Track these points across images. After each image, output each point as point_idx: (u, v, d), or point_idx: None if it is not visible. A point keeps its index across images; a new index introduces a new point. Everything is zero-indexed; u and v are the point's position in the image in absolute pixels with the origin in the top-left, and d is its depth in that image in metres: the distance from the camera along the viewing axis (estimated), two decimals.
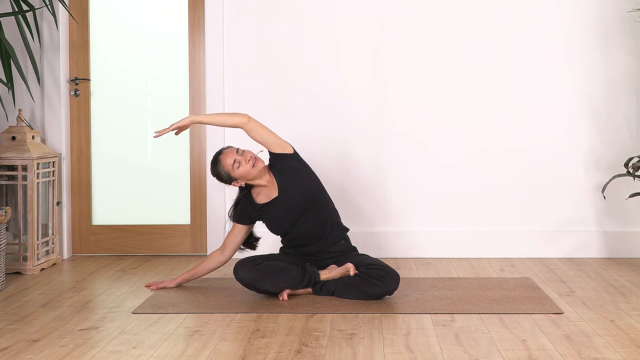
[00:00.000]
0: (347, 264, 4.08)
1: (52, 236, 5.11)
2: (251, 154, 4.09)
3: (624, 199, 5.15)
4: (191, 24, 5.35)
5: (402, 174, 5.25)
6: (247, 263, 4.08)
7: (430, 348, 3.21)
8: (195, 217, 5.39)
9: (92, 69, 5.40)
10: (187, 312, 3.81)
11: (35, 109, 5.29)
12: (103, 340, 3.36)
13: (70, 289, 4.38)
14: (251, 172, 4.08)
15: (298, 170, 4.18)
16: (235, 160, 4.06)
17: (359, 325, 3.56)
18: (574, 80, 5.19)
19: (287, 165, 4.16)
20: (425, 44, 5.21)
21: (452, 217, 5.25)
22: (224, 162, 4.09)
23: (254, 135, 4.17)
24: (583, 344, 3.24)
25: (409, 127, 5.24)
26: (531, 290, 4.18)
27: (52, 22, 5.22)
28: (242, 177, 4.10)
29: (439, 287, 4.29)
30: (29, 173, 4.87)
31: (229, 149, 4.14)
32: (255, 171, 4.08)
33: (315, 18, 5.23)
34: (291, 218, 4.16)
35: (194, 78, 5.36)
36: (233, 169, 4.07)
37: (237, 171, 4.07)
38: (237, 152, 4.10)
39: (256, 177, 4.12)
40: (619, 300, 4.00)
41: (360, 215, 5.24)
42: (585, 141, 5.21)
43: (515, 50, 5.20)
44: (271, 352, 3.16)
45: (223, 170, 4.11)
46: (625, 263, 4.99)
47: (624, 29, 5.16)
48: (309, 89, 5.25)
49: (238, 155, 4.08)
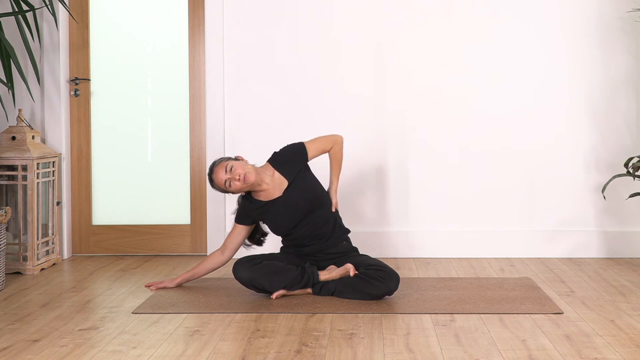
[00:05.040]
0: (346, 265, 4.08)
1: (52, 236, 5.11)
2: (239, 170, 4.05)
3: (623, 199, 5.15)
4: (191, 24, 5.35)
5: (402, 174, 5.25)
6: (246, 262, 4.08)
7: (430, 348, 3.21)
8: (195, 217, 5.39)
9: (92, 69, 5.40)
10: (187, 312, 3.81)
11: (35, 109, 5.29)
12: (103, 340, 3.36)
13: (70, 289, 4.38)
14: (243, 187, 4.09)
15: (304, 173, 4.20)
16: (225, 180, 4.07)
17: (359, 325, 3.56)
18: (574, 80, 5.19)
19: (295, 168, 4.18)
20: (426, 44, 5.21)
21: (452, 217, 5.25)
22: (217, 181, 4.11)
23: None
24: (583, 344, 3.24)
25: (409, 127, 5.24)
26: (531, 290, 4.18)
27: (52, 22, 5.22)
28: (238, 192, 4.13)
29: (439, 287, 4.29)
30: (29, 173, 4.87)
31: (219, 165, 4.11)
32: (247, 186, 4.09)
33: (316, 18, 5.23)
34: (293, 219, 4.16)
35: (194, 78, 5.36)
36: (226, 188, 4.09)
37: (230, 189, 4.10)
38: (225, 170, 4.07)
39: (252, 187, 4.13)
40: (619, 300, 4.00)
41: (361, 215, 5.24)
42: (585, 141, 5.21)
43: (516, 50, 5.20)
44: (271, 352, 3.16)
45: (219, 188, 4.14)
46: (625, 263, 4.99)
47: (624, 29, 5.16)
48: (308, 88, 5.25)
49: (227, 174, 4.06)
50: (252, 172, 4.08)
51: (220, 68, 5.26)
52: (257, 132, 5.26)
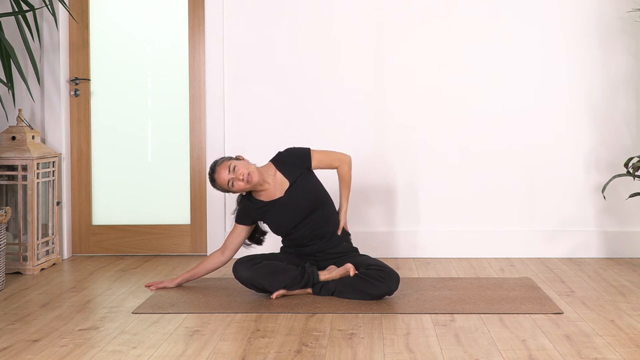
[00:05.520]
0: (346, 265, 4.08)
1: (52, 236, 5.11)
2: (243, 170, 4.04)
3: (623, 199, 5.15)
4: (191, 24, 5.35)
5: (402, 174, 5.25)
6: (246, 262, 4.08)
7: (430, 348, 3.21)
8: (195, 217, 5.39)
9: (92, 69, 5.40)
10: (187, 312, 3.81)
11: (35, 109, 5.29)
12: (103, 340, 3.36)
13: (70, 289, 4.38)
14: (246, 187, 4.09)
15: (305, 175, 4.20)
16: (228, 180, 4.06)
17: (359, 325, 3.56)
18: (574, 80, 5.19)
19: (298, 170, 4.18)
20: (426, 44, 5.21)
21: (452, 217, 5.25)
22: (219, 181, 4.10)
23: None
24: (583, 344, 3.24)
25: (408, 127, 5.24)
26: (531, 290, 4.18)
27: (52, 22, 5.22)
28: (240, 191, 4.13)
29: (439, 287, 4.29)
30: (29, 173, 4.87)
31: (222, 164, 4.10)
32: (250, 186, 4.09)
33: (316, 18, 5.23)
34: (294, 219, 4.16)
35: (194, 78, 5.36)
36: (229, 187, 4.09)
37: (233, 189, 4.09)
38: (229, 170, 4.06)
39: (254, 187, 4.13)
40: (619, 300, 4.00)
41: (361, 215, 5.24)
42: (585, 141, 5.21)
43: (516, 50, 5.20)
44: (271, 352, 3.16)
45: (221, 188, 4.13)
46: (625, 263, 4.99)
47: (624, 29, 5.16)
48: (308, 88, 5.25)
49: (230, 174, 4.05)
50: (255, 172, 4.08)
51: (220, 68, 5.26)
52: (257, 132, 5.26)
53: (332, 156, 4.26)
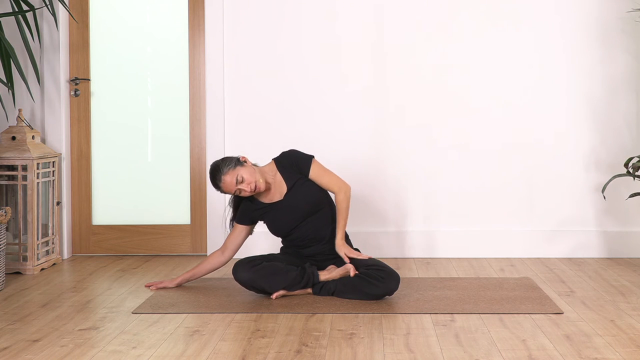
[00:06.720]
0: (346, 265, 4.08)
1: (52, 236, 5.11)
2: (250, 179, 4.03)
3: (624, 199, 5.15)
4: (191, 24, 5.35)
5: (401, 173, 5.25)
6: (246, 263, 4.08)
7: (430, 348, 3.21)
8: (195, 217, 5.39)
9: (92, 69, 5.40)
10: (187, 312, 3.81)
11: (35, 109, 5.29)
12: (103, 340, 3.36)
13: (70, 289, 4.38)
14: (252, 194, 4.10)
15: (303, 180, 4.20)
16: (236, 190, 4.07)
17: (359, 325, 3.56)
18: (573, 80, 5.19)
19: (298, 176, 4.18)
20: (427, 42, 5.21)
21: (452, 217, 5.25)
22: (225, 189, 4.08)
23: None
24: (583, 344, 3.24)
25: (408, 127, 5.24)
26: (531, 290, 4.18)
27: (52, 22, 5.22)
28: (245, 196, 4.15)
29: (439, 287, 4.29)
30: (29, 173, 4.87)
31: (227, 173, 4.04)
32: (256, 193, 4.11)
33: (316, 17, 5.23)
34: (294, 221, 4.16)
35: (194, 78, 5.36)
36: (234, 194, 4.12)
37: (239, 194, 4.11)
38: (236, 180, 4.04)
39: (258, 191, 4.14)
40: (619, 300, 4.00)
41: (361, 215, 5.24)
42: (585, 141, 5.21)
43: (515, 49, 5.20)
44: (271, 352, 3.16)
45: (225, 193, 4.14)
46: (625, 263, 4.99)
47: (623, 29, 5.16)
48: (309, 88, 5.25)
49: (238, 185, 4.04)
50: (261, 181, 4.07)
51: (220, 68, 5.26)
52: (257, 132, 5.26)
53: (331, 178, 4.19)
